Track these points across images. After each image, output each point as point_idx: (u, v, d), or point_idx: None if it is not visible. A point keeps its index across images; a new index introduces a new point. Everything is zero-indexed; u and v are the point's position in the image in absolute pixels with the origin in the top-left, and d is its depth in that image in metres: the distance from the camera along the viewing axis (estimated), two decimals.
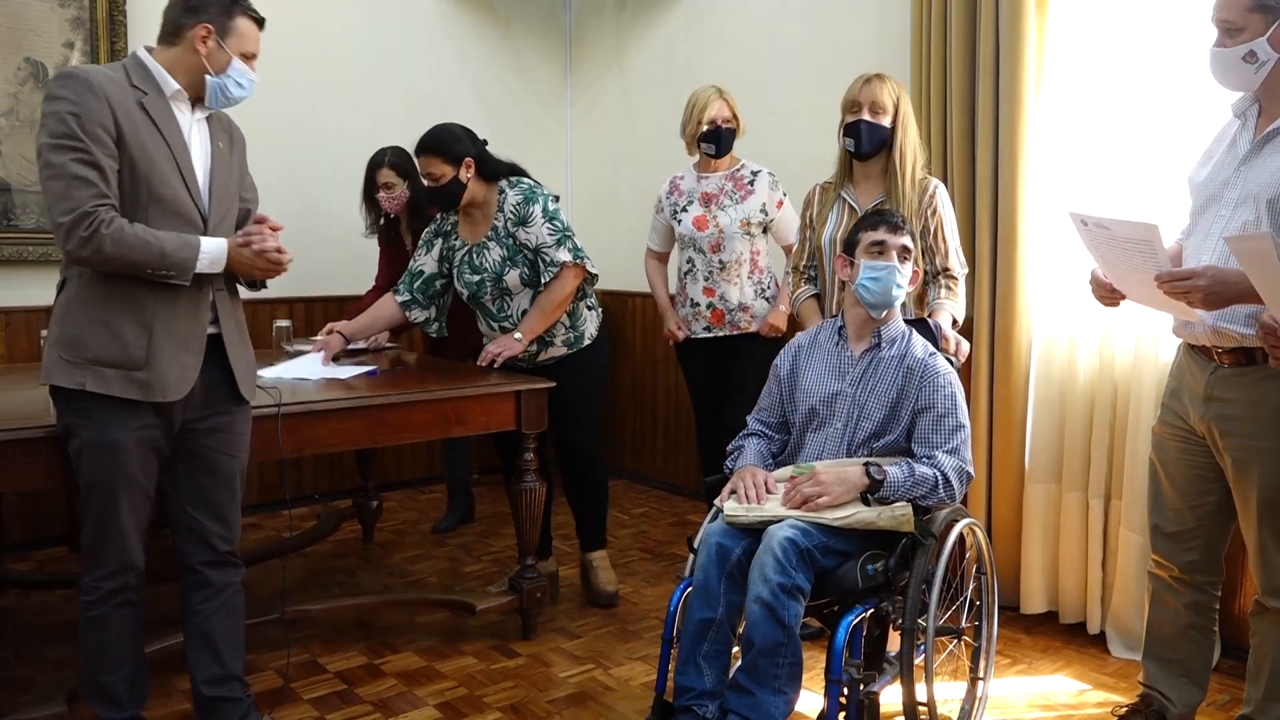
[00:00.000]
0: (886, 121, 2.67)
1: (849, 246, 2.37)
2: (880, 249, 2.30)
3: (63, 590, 3.29)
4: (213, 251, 2.05)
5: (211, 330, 2.14)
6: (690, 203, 3.34)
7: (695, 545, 2.22)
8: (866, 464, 2.18)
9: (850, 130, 2.70)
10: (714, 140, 3.25)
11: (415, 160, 3.10)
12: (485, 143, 3.11)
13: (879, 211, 2.43)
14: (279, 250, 2.12)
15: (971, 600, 2.43)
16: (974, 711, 2.40)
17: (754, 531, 2.13)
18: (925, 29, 3.22)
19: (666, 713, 2.12)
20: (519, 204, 3.02)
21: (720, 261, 3.29)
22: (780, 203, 3.31)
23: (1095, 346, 2.92)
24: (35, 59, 3.66)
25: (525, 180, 3.10)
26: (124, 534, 2.08)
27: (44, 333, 2.09)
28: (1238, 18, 1.89)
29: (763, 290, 3.33)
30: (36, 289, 2.10)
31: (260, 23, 2.16)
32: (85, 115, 1.93)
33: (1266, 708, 2.07)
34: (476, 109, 3.54)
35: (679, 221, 3.34)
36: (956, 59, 3.10)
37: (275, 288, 3.83)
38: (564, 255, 2.99)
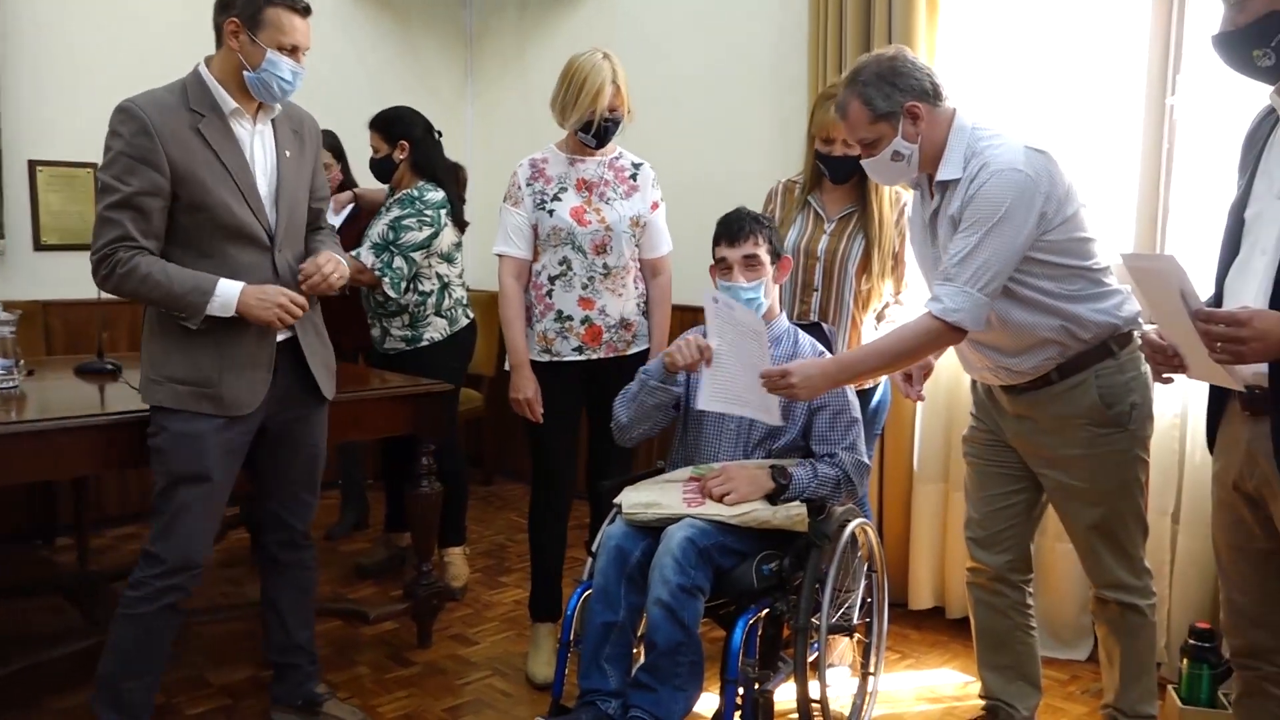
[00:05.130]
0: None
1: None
2: (724, 265, 2.32)
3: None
4: (225, 296, 2.07)
5: (286, 335, 2.20)
6: (563, 189, 2.73)
7: (594, 549, 2.22)
8: (772, 467, 2.21)
9: (822, 160, 2.59)
10: (601, 134, 2.69)
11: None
12: (440, 135, 3.34)
13: (723, 221, 2.35)
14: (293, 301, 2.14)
15: (863, 598, 2.50)
16: (865, 706, 2.47)
17: (652, 532, 2.14)
18: (822, 33, 3.31)
19: (562, 714, 2.11)
20: (393, 202, 3.21)
21: (605, 266, 2.71)
22: (656, 204, 2.81)
23: None
24: None
25: (436, 194, 3.19)
26: (192, 532, 2.10)
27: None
28: (869, 133, 2.04)
29: (641, 307, 2.82)
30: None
31: (301, 11, 2.15)
32: (133, 155, 2.00)
33: (1125, 693, 2.17)
34: (374, 108, 3.45)
35: (550, 213, 2.69)
36: (852, 62, 3.18)
37: None
38: (368, 256, 3.11)
